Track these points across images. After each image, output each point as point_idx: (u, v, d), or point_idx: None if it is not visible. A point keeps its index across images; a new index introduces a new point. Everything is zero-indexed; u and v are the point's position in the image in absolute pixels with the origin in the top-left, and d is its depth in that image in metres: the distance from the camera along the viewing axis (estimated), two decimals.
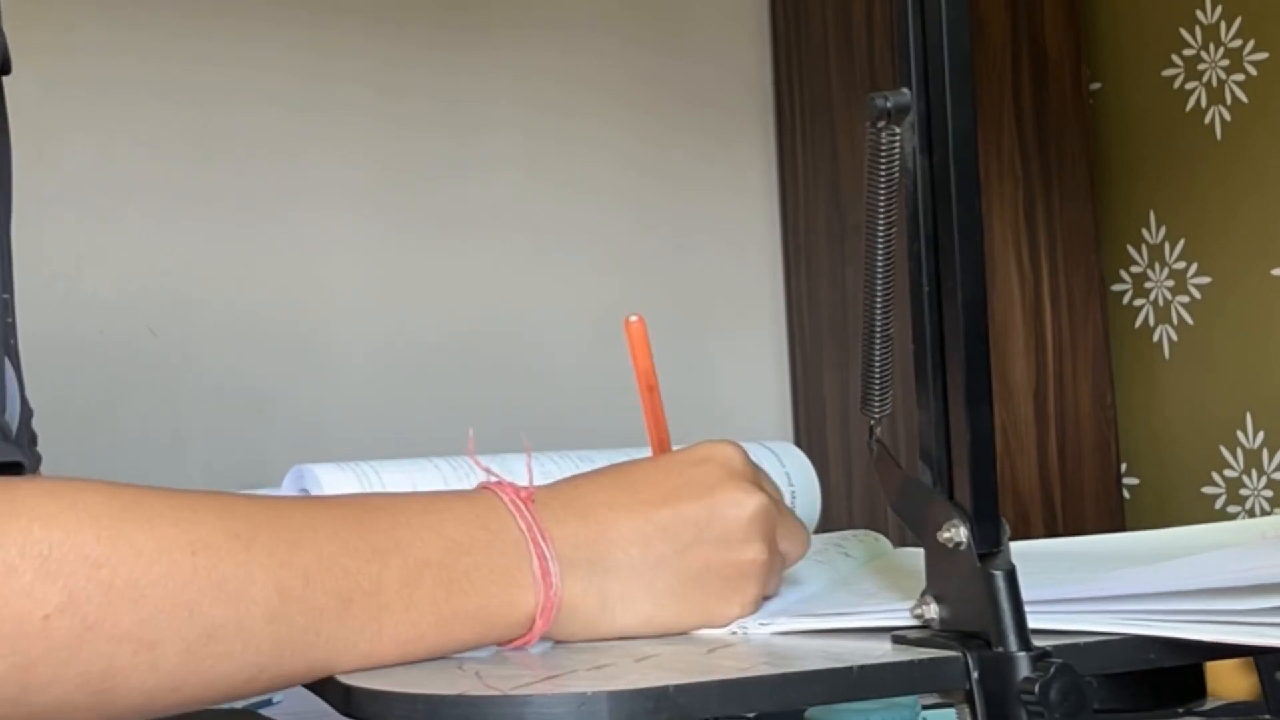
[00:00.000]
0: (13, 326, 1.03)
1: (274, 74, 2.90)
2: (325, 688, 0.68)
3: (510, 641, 0.71)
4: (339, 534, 0.68)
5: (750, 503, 0.74)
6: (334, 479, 0.88)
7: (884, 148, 0.67)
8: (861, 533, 1.09)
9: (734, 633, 0.74)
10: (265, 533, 0.66)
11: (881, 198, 0.68)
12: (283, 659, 0.66)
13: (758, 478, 0.77)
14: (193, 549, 0.64)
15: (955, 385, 0.66)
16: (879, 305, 0.70)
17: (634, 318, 0.79)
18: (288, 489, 0.90)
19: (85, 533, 0.62)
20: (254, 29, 2.80)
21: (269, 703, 1.87)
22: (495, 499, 0.72)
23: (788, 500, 1.05)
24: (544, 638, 0.71)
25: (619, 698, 0.61)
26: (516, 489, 0.72)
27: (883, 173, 0.67)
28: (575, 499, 0.73)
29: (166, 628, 0.63)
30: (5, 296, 1.00)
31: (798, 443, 3.20)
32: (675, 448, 0.80)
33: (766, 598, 0.76)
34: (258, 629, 0.65)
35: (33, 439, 1.03)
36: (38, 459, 1.03)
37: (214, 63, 2.72)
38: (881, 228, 0.68)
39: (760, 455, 1.07)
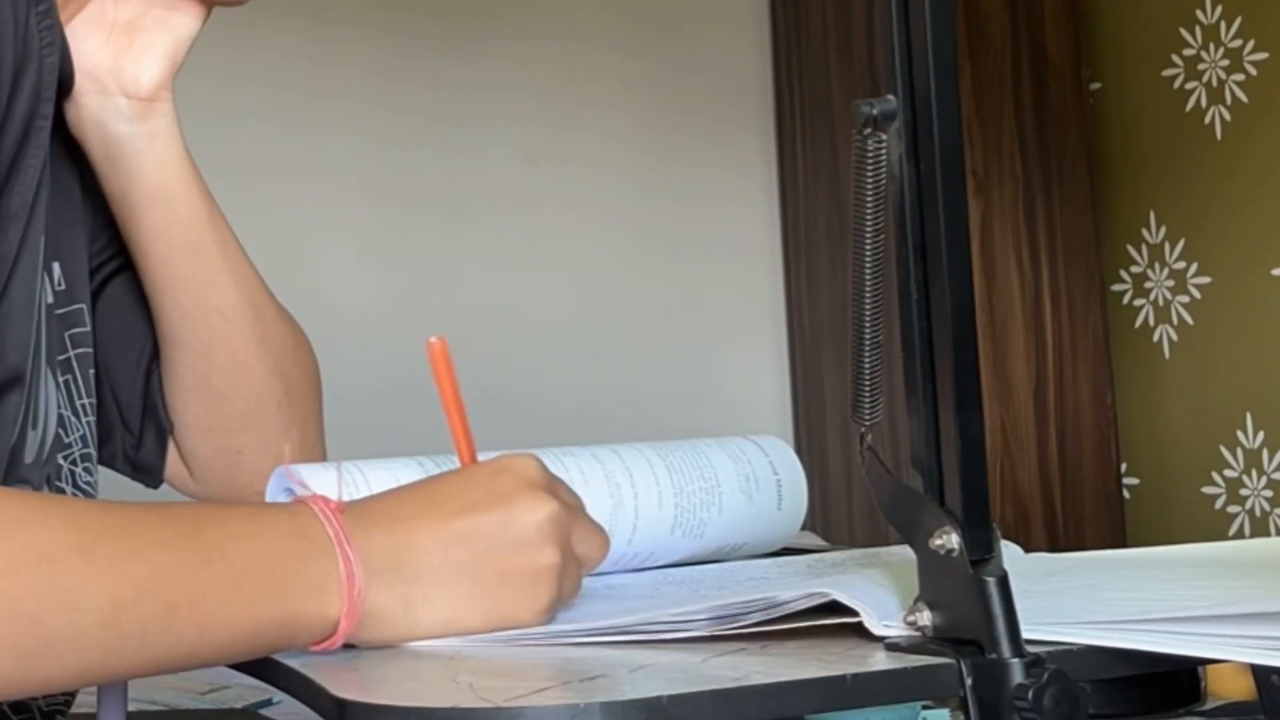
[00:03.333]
0: (79, 337, 1.03)
1: (271, 84, 2.91)
2: (318, 701, 0.68)
3: (316, 644, 0.74)
4: (171, 544, 0.72)
5: (543, 509, 0.78)
6: (317, 478, 0.88)
7: (870, 154, 0.66)
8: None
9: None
10: (106, 544, 0.69)
11: (869, 204, 0.67)
12: (108, 663, 0.70)
13: (553, 486, 0.81)
14: (39, 561, 0.67)
15: (945, 392, 0.65)
16: (868, 312, 0.70)
17: (434, 339, 0.82)
18: (273, 489, 0.90)
19: None
20: (253, 25, 2.80)
21: (269, 703, 1.88)
22: (309, 510, 0.75)
23: (774, 492, 1.06)
24: (350, 642, 0.74)
25: (612, 709, 0.61)
26: (327, 501, 0.76)
27: (869, 179, 0.67)
28: (381, 511, 0.77)
29: (6, 636, 0.66)
30: (63, 310, 1.01)
31: (797, 442, 3.21)
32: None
33: (565, 599, 0.80)
34: (89, 636, 0.68)
35: (85, 457, 1.03)
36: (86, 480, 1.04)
37: (212, 58, 2.72)
38: (869, 234, 0.67)
39: (745, 448, 1.07)
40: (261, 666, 0.76)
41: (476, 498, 0.78)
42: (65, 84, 1.00)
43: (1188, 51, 3.02)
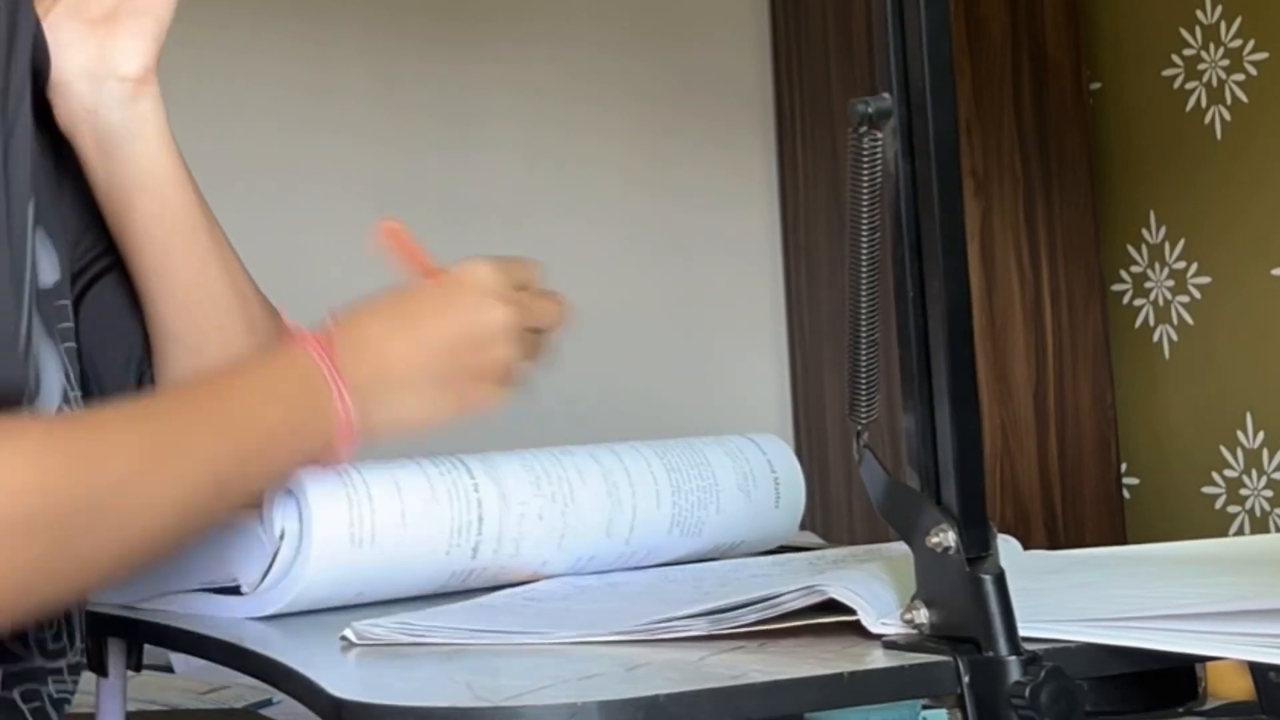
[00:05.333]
0: (66, 331, 1.03)
1: (268, 85, 2.91)
2: (316, 701, 0.68)
3: (325, 462, 0.89)
4: (221, 436, 0.84)
5: (496, 313, 0.95)
6: (316, 480, 0.88)
7: (866, 153, 0.66)
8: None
9: None
10: (170, 458, 0.81)
11: (865, 203, 0.67)
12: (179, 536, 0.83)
13: (507, 284, 0.97)
14: (116, 487, 0.78)
15: (941, 389, 0.65)
16: (864, 310, 0.70)
17: (386, 223, 1.03)
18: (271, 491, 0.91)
19: (26, 477, 0.74)
20: (250, 26, 2.80)
21: (269, 703, 1.88)
22: (308, 357, 0.89)
23: (771, 489, 1.06)
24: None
25: (609, 707, 0.61)
26: (319, 343, 0.89)
27: (865, 178, 0.67)
28: (360, 338, 0.92)
29: (99, 547, 0.78)
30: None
31: (798, 442, 3.20)
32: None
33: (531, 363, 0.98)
34: (169, 530, 0.81)
35: None
36: None
37: (210, 58, 2.72)
38: (865, 233, 0.67)
39: (742, 447, 1.07)
40: (261, 666, 0.76)
41: (436, 307, 0.95)
42: (42, 76, 1.01)
43: (1188, 51, 3.02)
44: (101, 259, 1.09)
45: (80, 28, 1.04)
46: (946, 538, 0.66)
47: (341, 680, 0.69)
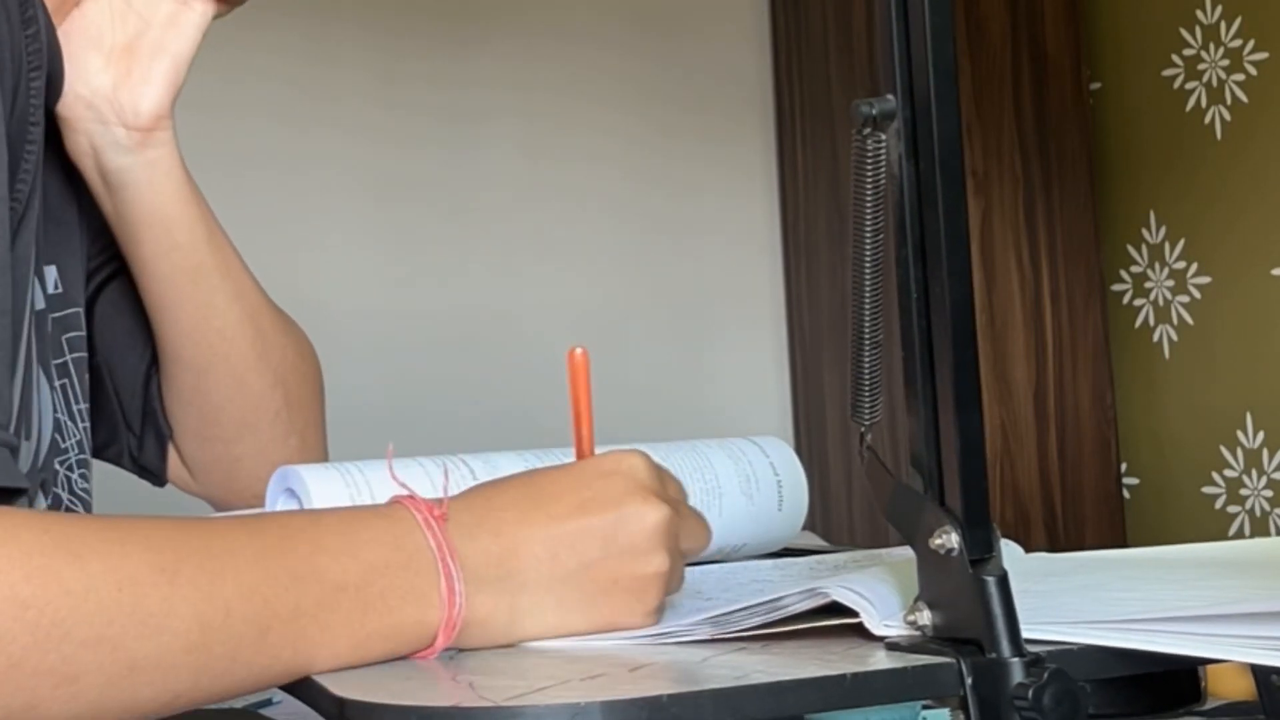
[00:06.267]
0: (76, 340, 1.03)
1: (271, 83, 2.91)
2: (318, 699, 0.68)
3: (416, 654, 0.73)
4: (259, 562, 0.69)
5: (653, 515, 0.76)
6: (319, 479, 0.88)
7: (870, 154, 0.66)
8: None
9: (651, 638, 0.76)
10: (189, 564, 0.67)
11: (868, 204, 0.67)
12: (199, 686, 0.68)
13: (662, 486, 0.79)
14: (119, 585, 0.65)
15: (944, 391, 0.65)
16: (867, 312, 0.70)
17: (579, 350, 0.81)
18: (273, 490, 0.90)
19: (15, 572, 0.63)
20: (254, 24, 2.80)
21: (269, 703, 1.87)
22: (410, 517, 0.73)
23: (774, 492, 1.06)
24: (453, 648, 0.73)
25: (612, 708, 0.61)
26: (430, 506, 0.74)
27: (869, 179, 0.67)
28: (487, 515, 0.75)
29: (89, 662, 0.64)
30: (60, 313, 1.00)
31: (797, 442, 3.20)
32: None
33: (670, 595, 0.79)
34: (177, 660, 0.66)
35: (81, 463, 1.02)
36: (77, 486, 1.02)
37: (212, 56, 2.72)
38: (869, 234, 0.67)
39: (745, 449, 1.07)
40: None
41: (585, 498, 0.76)
42: (55, 91, 0.98)
43: (1188, 51, 3.02)
44: (115, 259, 1.08)
45: (96, 60, 0.99)
46: (949, 539, 0.66)
47: (344, 679, 0.69)
